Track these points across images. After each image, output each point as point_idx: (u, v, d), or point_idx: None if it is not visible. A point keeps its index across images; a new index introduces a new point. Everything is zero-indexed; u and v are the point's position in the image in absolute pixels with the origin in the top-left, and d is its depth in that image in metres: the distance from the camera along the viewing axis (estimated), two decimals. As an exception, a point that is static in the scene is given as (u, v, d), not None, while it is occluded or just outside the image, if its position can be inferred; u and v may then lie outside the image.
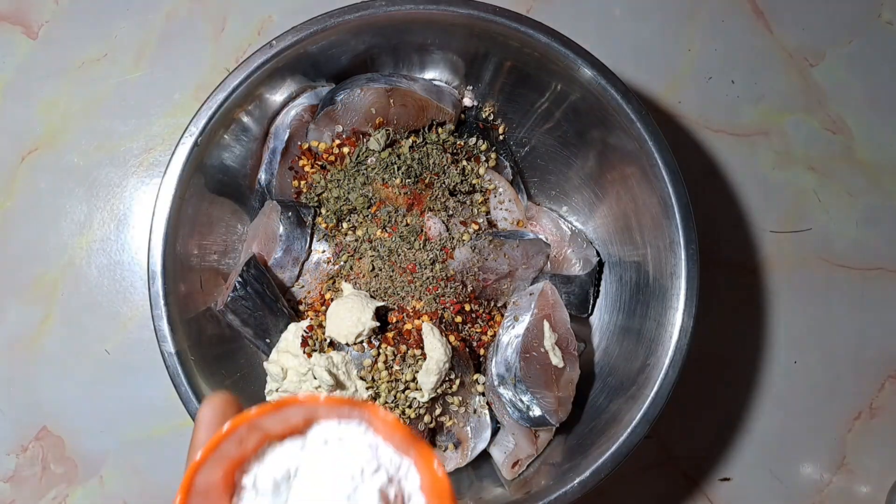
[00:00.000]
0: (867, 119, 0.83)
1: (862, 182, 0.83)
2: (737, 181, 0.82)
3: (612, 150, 0.66)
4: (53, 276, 0.76)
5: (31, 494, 0.75)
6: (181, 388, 0.59)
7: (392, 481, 0.36)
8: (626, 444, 0.60)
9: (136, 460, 0.75)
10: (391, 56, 0.67)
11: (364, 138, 0.68)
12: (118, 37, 0.78)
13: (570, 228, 0.72)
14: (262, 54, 0.60)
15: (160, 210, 0.59)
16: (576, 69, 0.62)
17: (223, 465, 0.35)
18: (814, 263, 0.82)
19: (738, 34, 0.83)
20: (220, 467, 0.35)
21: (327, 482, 0.35)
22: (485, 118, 0.72)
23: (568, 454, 0.65)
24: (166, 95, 0.78)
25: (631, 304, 0.69)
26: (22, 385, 0.75)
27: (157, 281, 0.59)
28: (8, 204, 0.76)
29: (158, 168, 0.77)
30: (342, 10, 0.61)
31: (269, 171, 0.68)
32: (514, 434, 0.66)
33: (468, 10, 0.61)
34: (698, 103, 0.82)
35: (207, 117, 0.60)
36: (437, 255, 0.65)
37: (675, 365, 0.60)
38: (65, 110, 0.77)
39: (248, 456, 0.36)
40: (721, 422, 0.80)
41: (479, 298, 0.68)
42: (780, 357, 0.81)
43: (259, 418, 0.34)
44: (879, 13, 0.85)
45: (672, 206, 0.61)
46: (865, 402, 0.81)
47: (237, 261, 0.68)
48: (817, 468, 0.80)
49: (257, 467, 0.36)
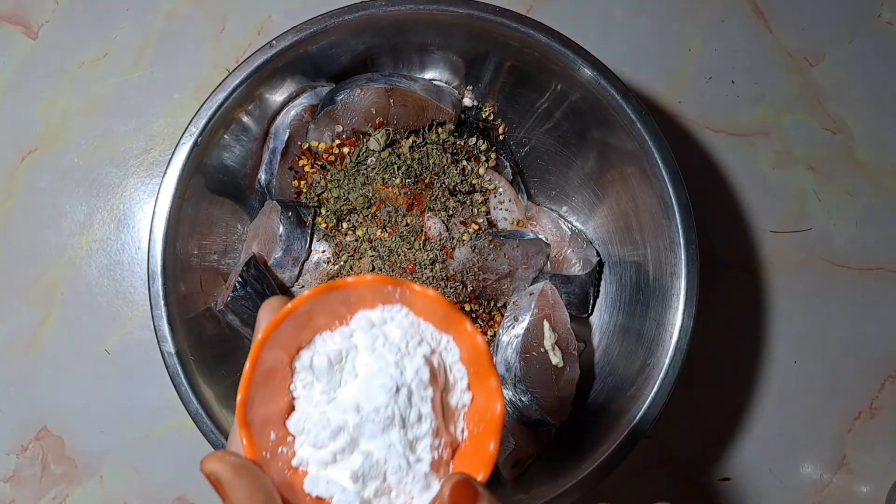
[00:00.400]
0: (867, 119, 0.83)
1: (862, 182, 0.83)
2: (737, 181, 0.82)
3: (612, 150, 0.66)
4: (53, 276, 0.76)
5: (31, 494, 0.75)
6: (181, 388, 0.59)
7: (434, 353, 0.39)
8: (626, 444, 0.60)
9: (135, 460, 0.75)
10: (391, 56, 0.67)
11: (364, 138, 0.68)
12: (118, 37, 0.78)
13: (570, 228, 0.72)
14: (262, 54, 0.60)
15: (160, 210, 0.59)
16: (576, 69, 0.62)
17: (284, 348, 0.38)
18: (814, 263, 0.82)
19: (738, 34, 0.83)
20: (282, 349, 0.38)
21: (376, 358, 0.38)
22: (485, 118, 0.72)
23: (568, 454, 0.65)
24: (166, 95, 0.78)
25: (631, 304, 0.69)
26: (22, 385, 0.75)
27: (157, 281, 0.59)
28: (8, 204, 0.76)
29: (158, 168, 0.77)
30: (342, 10, 0.61)
31: (269, 171, 0.68)
32: (514, 434, 0.66)
33: (468, 10, 0.61)
34: (698, 103, 0.82)
35: (207, 117, 0.60)
36: (437, 255, 0.65)
37: (675, 365, 0.60)
38: (65, 110, 0.77)
39: (301, 345, 0.39)
40: (721, 422, 0.80)
41: (479, 298, 0.68)
42: (780, 357, 0.81)
43: (313, 299, 0.38)
44: (879, 13, 0.85)
45: (672, 206, 0.61)
46: (865, 402, 0.81)
47: (237, 261, 0.68)
48: (817, 468, 0.80)
49: (311, 353, 0.39)
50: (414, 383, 0.37)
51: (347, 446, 0.37)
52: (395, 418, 0.37)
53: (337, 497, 0.36)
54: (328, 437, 0.37)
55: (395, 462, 0.37)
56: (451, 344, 0.40)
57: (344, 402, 0.37)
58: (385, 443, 0.37)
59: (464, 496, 0.33)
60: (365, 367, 0.38)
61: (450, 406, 0.40)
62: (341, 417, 0.37)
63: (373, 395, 0.37)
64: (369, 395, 0.37)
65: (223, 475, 0.33)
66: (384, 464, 0.37)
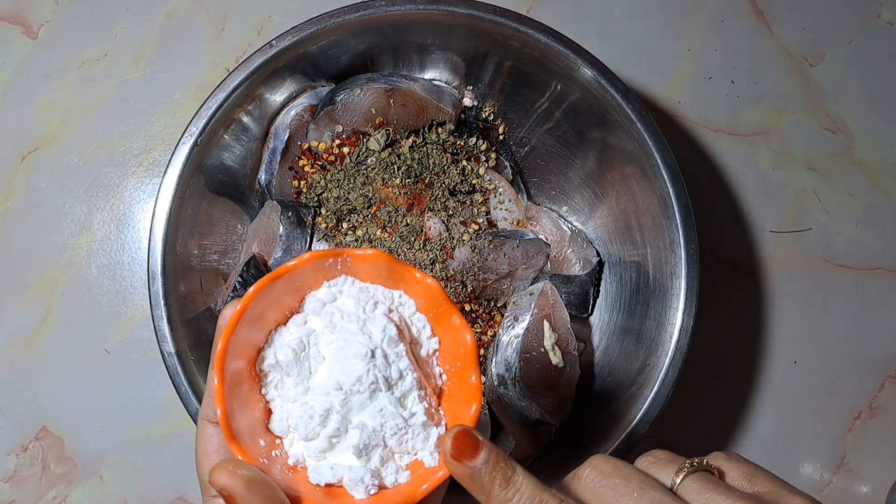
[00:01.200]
0: (867, 119, 0.83)
1: (862, 182, 0.83)
2: (737, 181, 0.82)
3: (612, 150, 0.66)
4: (53, 276, 0.76)
5: (31, 494, 0.75)
6: (181, 388, 0.59)
7: (392, 310, 0.39)
8: (626, 444, 0.60)
9: (136, 460, 0.75)
10: (391, 56, 0.67)
11: (364, 138, 0.68)
12: (118, 37, 0.78)
13: (570, 228, 0.72)
14: (262, 54, 0.60)
15: (160, 210, 0.59)
16: (576, 69, 0.62)
17: (244, 355, 0.38)
18: (814, 263, 0.82)
19: (738, 34, 0.83)
20: (242, 357, 0.38)
21: (339, 333, 0.38)
22: (485, 118, 0.72)
23: (568, 454, 0.65)
24: (166, 95, 0.78)
25: (631, 303, 0.69)
26: (22, 385, 0.75)
27: (157, 281, 0.59)
28: (8, 204, 0.76)
29: (158, 168, 0.77)
30: (342, 10, 0.61)
31: (269, 171, 0.68)
32: (514, 434, 0.66)
33: (468, 10, 0.61)
34: (698, 103, 0.82)
35: (207, 117, 0.60)
36: (436, 255, 0.65)
37: (675, 365, 0.60)
38: (65, 110, 0.77)
39: (260, 347, 0.39)
40: (721, 422, 0.80)
41: (479, 298, 0.68)
42: (780, 357, 0.81)
43: (260, 293, 0.37)
44: (879, 13, 0.85)
45: (672, 206, 0.61)
46: (865, 402, 0.81)
47: (237, 261, 0.68)
48: (817, 468, 0.80)
49: (273, 350, 0.38)
50: (384, 343, 0.37)
51: (340, 426, 0.37)
52: (379, 381, 0.37)
53: (346, 477, 0.36)
54: (318, 424, 0.37)
55: (392, 424, 0.37)
56: (403, 297, 0.40)
57: (321, 386, 0.37)
58: (376, 409, 0.37)
59: (465, 445, 0.33)
60: (330, 346, 0.38)
61: (421, 356, 0.40)
62: (325, 400, 0.37)
63: (349, 368, 0.37)
64: (345, 369, 0.37)
65: (236, 490, 0.32)
66: (381, 429, 0.37)
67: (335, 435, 0.37)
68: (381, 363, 0.37)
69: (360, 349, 0.37)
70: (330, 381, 0.37)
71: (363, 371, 0.37)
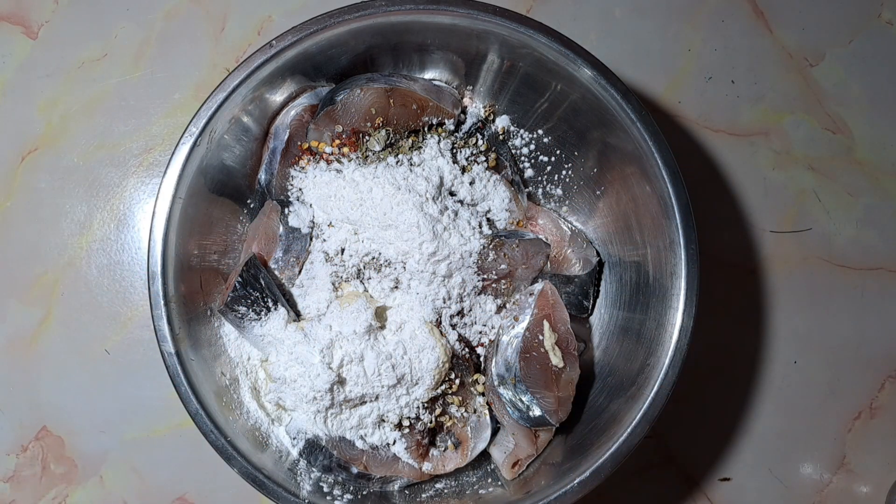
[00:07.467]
0: (867, 119, 0.83)
1: (862, 182, 0.83)
2: (737, 181, 0.82)
3: (612, 150, 0.66)
4: (53, 276, 0.76)
5: (31, 494, 0.75)
6: (181, 388, 0.59)
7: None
8: (626, 444, 0.60)
9: (136, 460, 0.75)
10: (391, 56, 0.67)
11: (364, 138, 0.68)
12: (118, 37, 0.78)
13: (570, 228, 0.72)
14: (262, 54, 0.60)
15: (160, 210, 0.59)
16: (576, 69, 0.62)
17: None
18: (814, 263, 0.82)
19: (738, 34, 0.83)
20: None
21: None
22: (485, 118, 0.72)
23: (568, 454, 0.65)
24: (166, 95, 0.78)
25: (631, 304, 0.69)
26: (22, 385, 0.75)
27: (157, 281, 0.59)
28: (8, 204, 0.76)
29: (158, 168, 0.77)
30: (342, 10, 0.61)
31: (269, 171, 0.68)
32: (514, 434, 0.66)
33: (468, 10, 0.61)
34: (698, 103, 0.82)
35: (207, 117, 0.60)
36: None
37: (675, 365, 0.60)
38: (65, 110, 0.77)
39: None
40: (721, 422, 0.80)
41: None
42: (780, 357, 0.81)
43: None
44: (879, 13, 0.85)
45: (672, 206, 0.61)
46: (865, 402, 0.81)
47: (237, 261, 0.68)
48: (817, 468, 0.80)
49: None
50: None
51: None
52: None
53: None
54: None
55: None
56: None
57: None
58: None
59: None
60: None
61: None
62: None
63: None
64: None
65: None
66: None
67: None
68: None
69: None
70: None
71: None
